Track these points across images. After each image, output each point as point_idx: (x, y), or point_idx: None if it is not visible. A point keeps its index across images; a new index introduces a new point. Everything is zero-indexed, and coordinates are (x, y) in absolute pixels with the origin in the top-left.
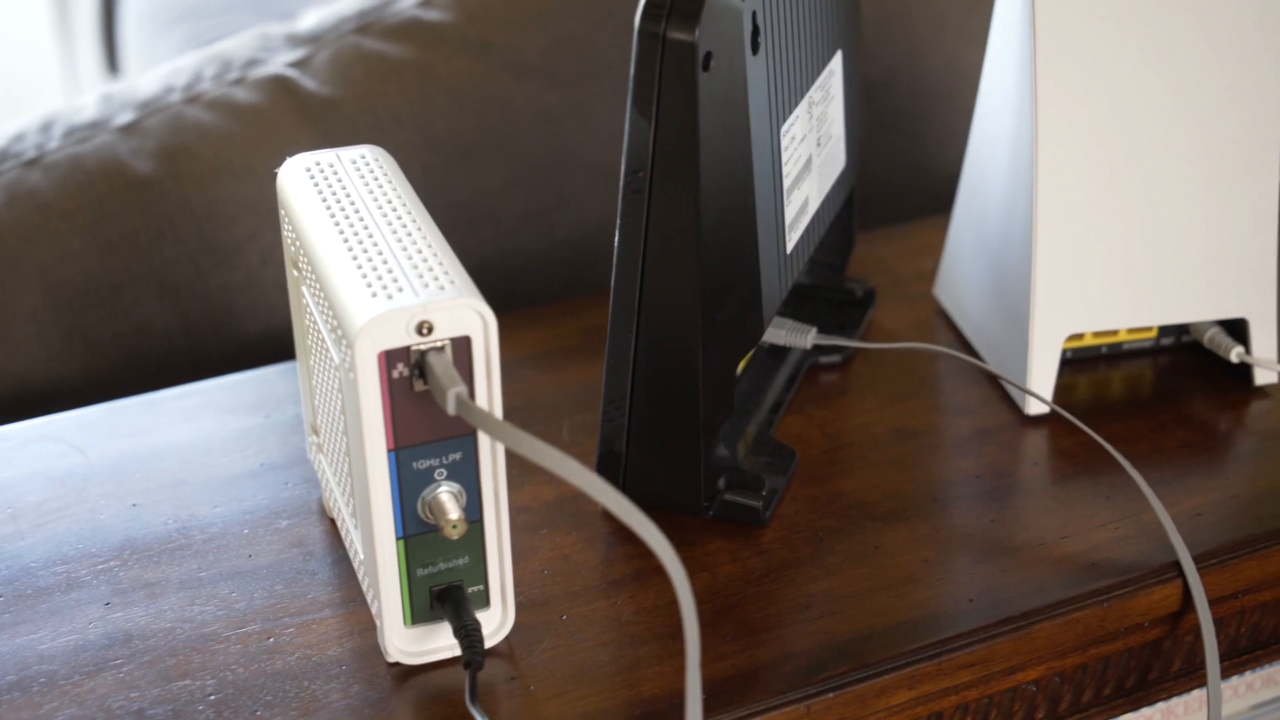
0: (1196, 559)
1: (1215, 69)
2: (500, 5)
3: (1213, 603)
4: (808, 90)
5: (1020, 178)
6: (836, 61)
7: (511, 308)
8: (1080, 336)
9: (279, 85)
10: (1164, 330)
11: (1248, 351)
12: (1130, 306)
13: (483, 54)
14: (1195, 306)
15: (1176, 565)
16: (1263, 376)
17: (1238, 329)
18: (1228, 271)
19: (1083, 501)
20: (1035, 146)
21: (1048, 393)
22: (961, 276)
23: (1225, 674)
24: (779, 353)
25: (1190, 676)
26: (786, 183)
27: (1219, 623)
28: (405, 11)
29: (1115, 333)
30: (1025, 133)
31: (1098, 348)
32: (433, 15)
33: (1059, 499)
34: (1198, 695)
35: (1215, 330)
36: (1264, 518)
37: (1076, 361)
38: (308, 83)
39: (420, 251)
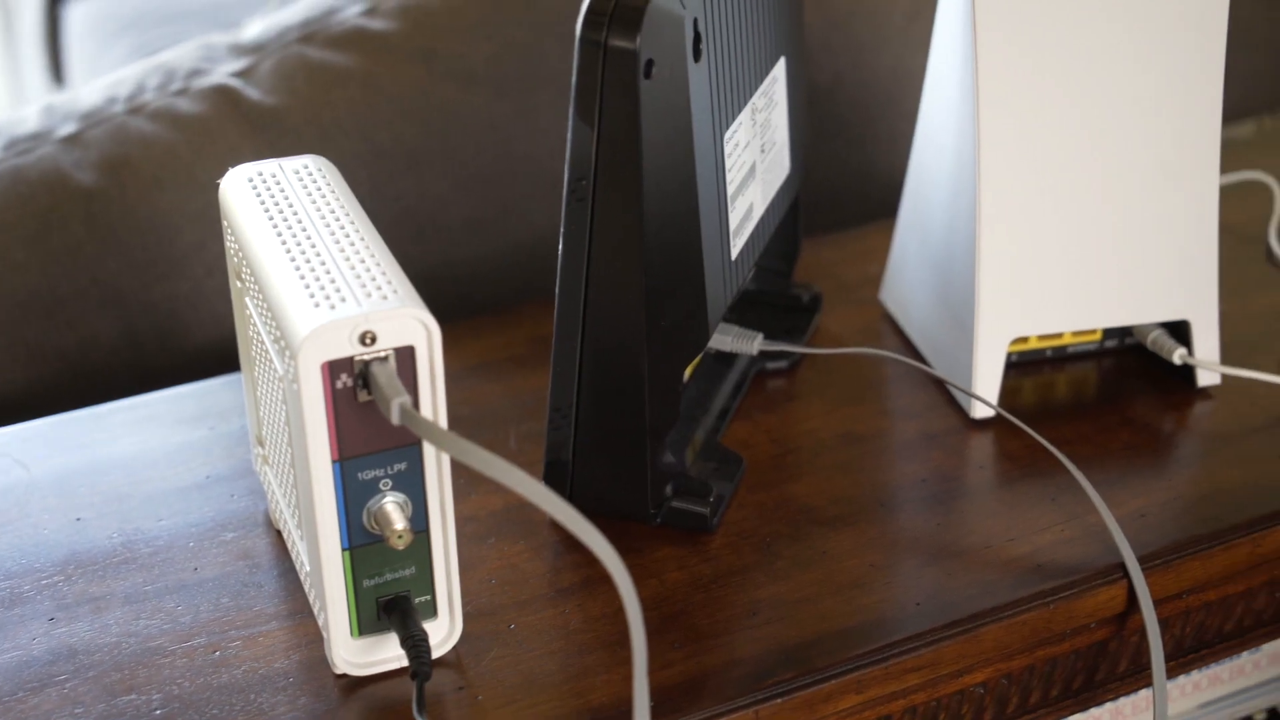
0: (1141, 560)
1: (1154, 73)
2: (445, 13)
3: (1158, 603)
4: (751, 97)
5: (963, 183)
6: (780, 68)
7: (459, 317)
8: (1025, 340)
9: (223, 95)
10: (1108, 333)
11: (1190, 353)
12: (1074, 310)
13: (428, 62)
14: (1138, 309)
15: (1121, 566)
16: (1205, 378)
17: (1180, 331)
18: (1170, 274)
19: (1028, 504)
20: (977, 152)
21: (993, 396)
22: (906, 281)
23: (1171, 674)
24: (726, 359)
25: (1137, 677)
26: (730, 189)
27: (1164, 623)
28: (349, 20)
29: (1059, 336)
30: (968, 138)
31: (1042, 351)
32: (377, 24)
33: (1004, 502)
34: (1145, 695)
35: (1158, 332)
36: (1207, 518)
37: (1022, 365)
38: (252, 92)
39: (363, 261)
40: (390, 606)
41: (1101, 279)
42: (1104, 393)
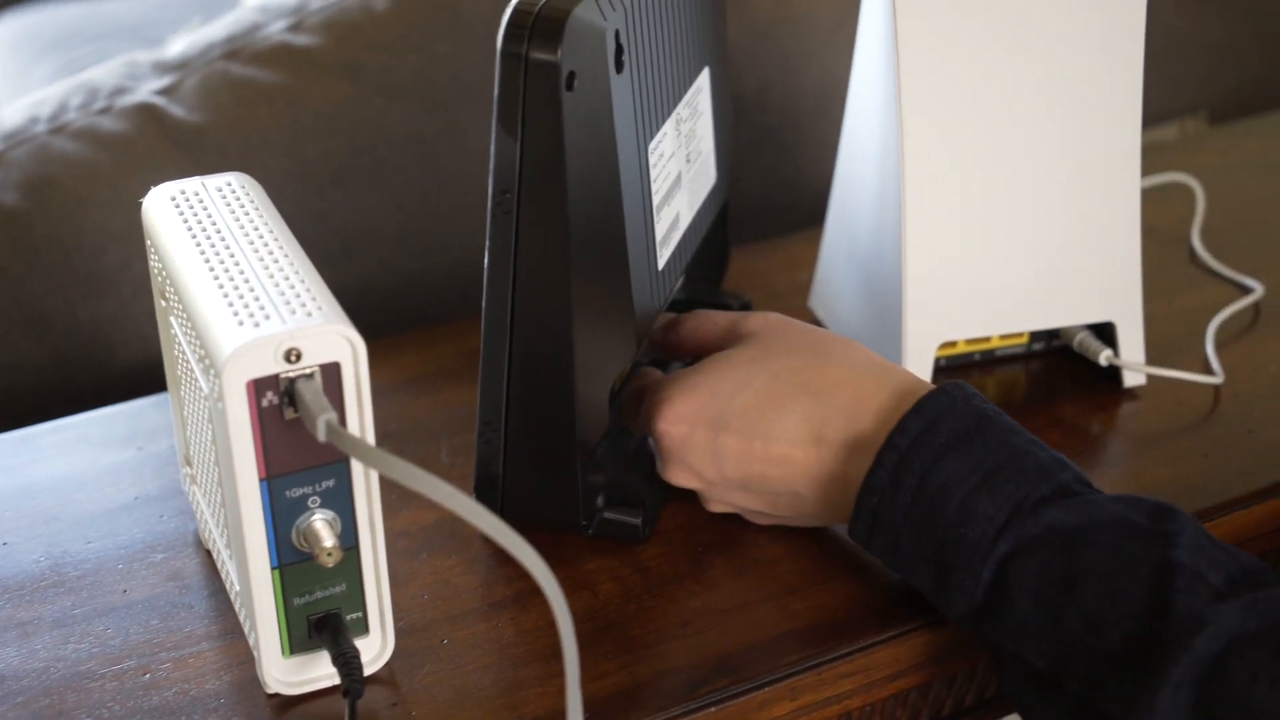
0: None
1: (1074, 79)
2: (370, 28)
3: None
4: (675, 107)
5: (888, 190)
6: (704, 78)
7: (390, 331)
8: (953, 344)
9: (147, 113)
10: (1035, 336)
11: (1116, 354)
12: (1001, 314)
13: (353, 77)
14: (1063, 312)
15: None
16: (1131, 379)
17: (1106, 332)
18: (1094, 277)
19: None
20: (901, 159)
21: None
22: (835, 288)
23: None
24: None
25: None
26: (656, 199)
27: None
28: (274, 36)
29: (987, 340)
30: (891, 146)
31: (971, 355)
32: (302, 39)
33: None
34: None
35: (1084, 334)
36: None
37: (950, 369)
38: (176, 110)
39: (287, 278)
40: (321, 624)
41: (1027, 283)
42: (1032, 395)
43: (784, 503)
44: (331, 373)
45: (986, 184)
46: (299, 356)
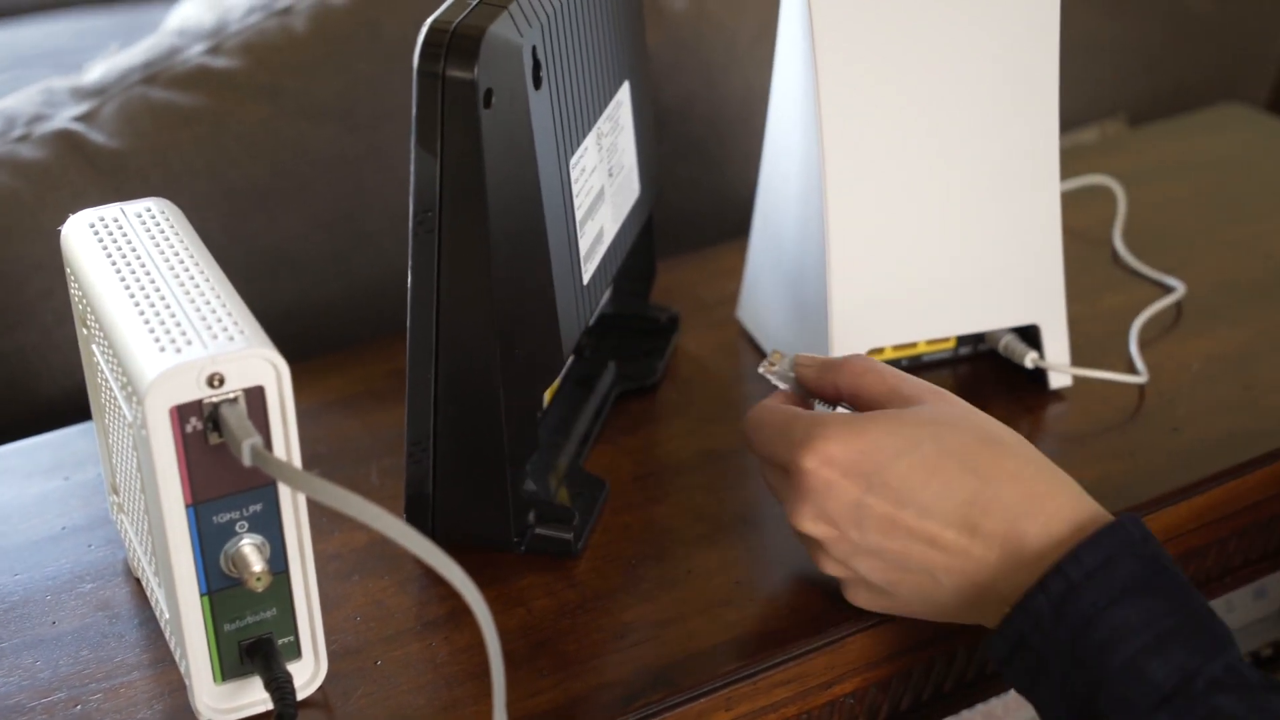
0: None
1: (990, 85)
2: (290, 49)
3: None
4: (595, 122)
5: (810, 200)
6: (624, 92)
7: (318, 352)
8: (880, 351)
9: (66, 140)
10: (961, 340)
11: (1041, 357)
12: (926, 319)
13: (274, 99)
14: (988, 316)
15: None
16: (1056, 380)
17: (1031, 335)
18: (1017, 281)
19: None
20: (822, 168)
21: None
22: (761, 297)
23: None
24: (587, 384)
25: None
26: (579, 214)
27: None
28: (192, 60)
29: (914, 345)
30: (812, 156)
31: (898, 361)
32: (221, 62)
33: None
34: (1015, 695)
35: (1009, 338)
36: None
37: None
38: (96, 136)
39: (209, 303)
40: (253, 650)
41: (951, 288)
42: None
43: (911, 582)
44: (256, 396)
45: (907, 190)
46: (222, 381)
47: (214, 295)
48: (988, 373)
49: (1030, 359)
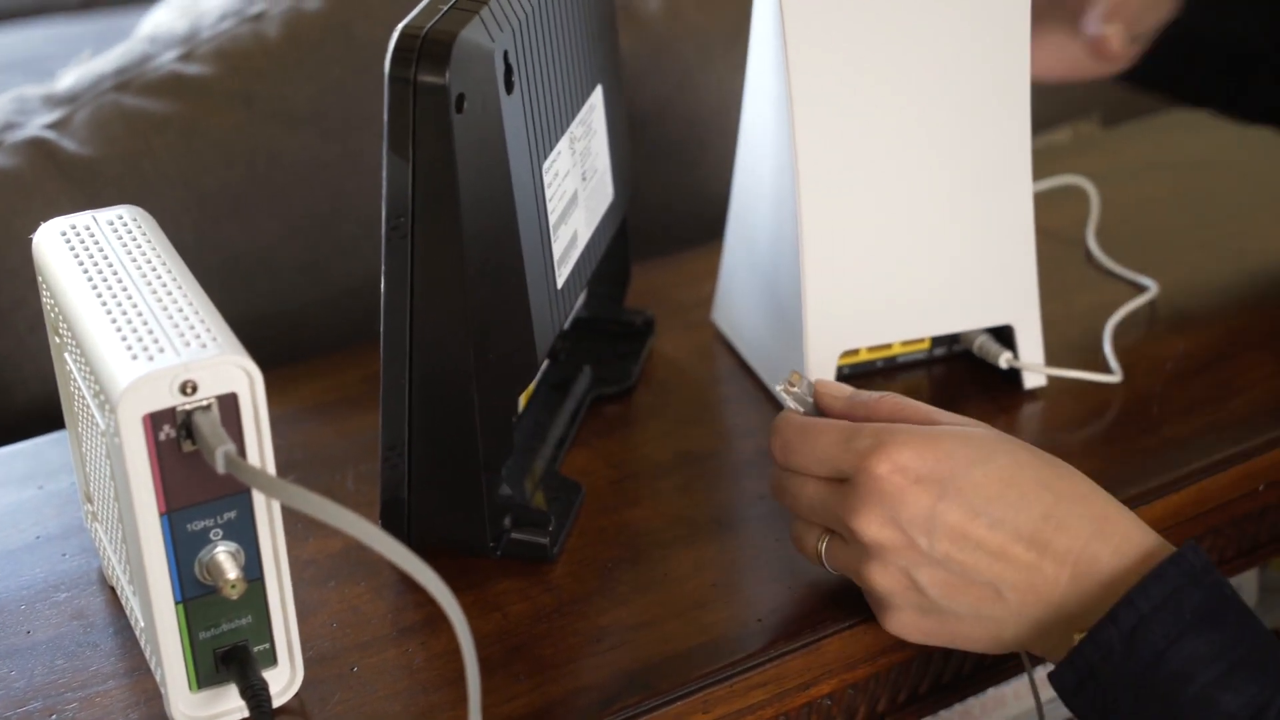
0: None
1: (963, 84)
2: (262, 56)
3: None
4: (568, 126)
5: (784, 202)
6: (597, 96)
7: (292, 359)
8: (855, 352)
9: (37, 148)
10: (936, 341)
11: (1016, 357)
12: (901, 320)
13: (248, 105)
14: (962, 317)
15: None
16: (1031, 380)
17: (1005, 335)
18: (992, 281)
19: None
20: (795, 170)
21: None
22: (736, 300)
23: (1009, 676)
24: (562, 388)
25: (981, 677)
26: (552, 219)
27: None
28: (165, 66)
29: (889, 347)
30: (785, 157)
31: (873, 362)
32: (194, 69)
33: None
34: (993, 695)
35: (984, 339)
36: None
37: (854, 377)
38: (68, 144)
39: (181, 310)
40: (228, 657)
41: (925, 289)
42: (935, 401)
43: (974, 597)
44: (229, 404)
45: (881, 191)
46: (195, 389)
47: (186, 302)
48: (962, 374)
49: (1005, 359)
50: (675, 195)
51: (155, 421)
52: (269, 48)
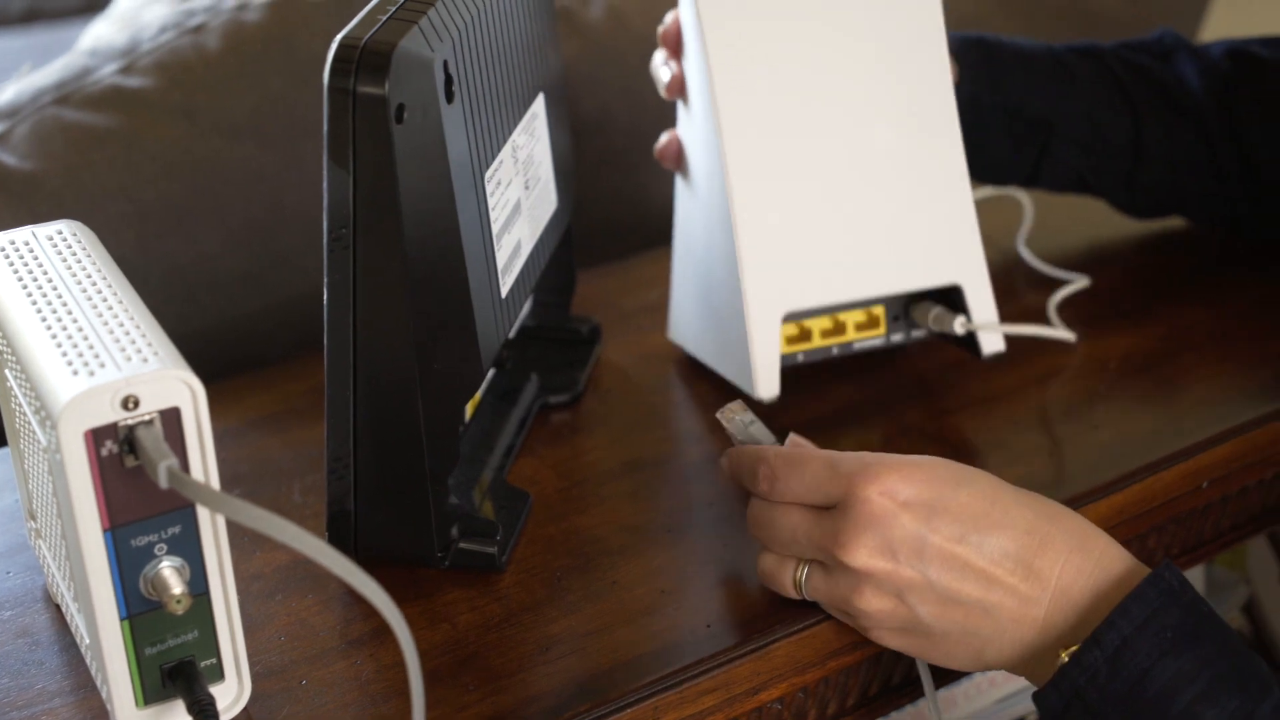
0: None
1: (882, 44)
2: (203, 68)
3: None
4: (510, 135)
5: (714, 177)
6: (539, 104)
7: (238, 371)
8: (809, 339)
9: None
10: (892, 327)
11: (970, 320)
12: (844, 281)
13: (189, 117)
14: (908, 276)
15: None
16: (989, 344)
17: (957, 305)
18: (933, 239)
19: None
20: (719, 132)
21: (774, 374)
22: (688, 308)
23: (959, 677)
24: (509, 396)
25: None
26: (496, 228)
27: None
28: (105, 80)
29: (844, 332)
30: (713, 135)
31: (829, 349)
32: (134, 82)
33: None
34: (943, 696)
35: (938, 310)
36: None
37: (810, 365)
38: (7, 158)
39: (122, 325)
40: (175, 673)
41: (866, 248)
42: (896, 389)
43: (962, 616)
44: (171, 418)
45: (808, 151)
46: (137, 403)
47: (127, 317)
48: (919, 359)
49: (959, 323)
50: (620, 202)
51: (97, 437)
52: (209, 59)
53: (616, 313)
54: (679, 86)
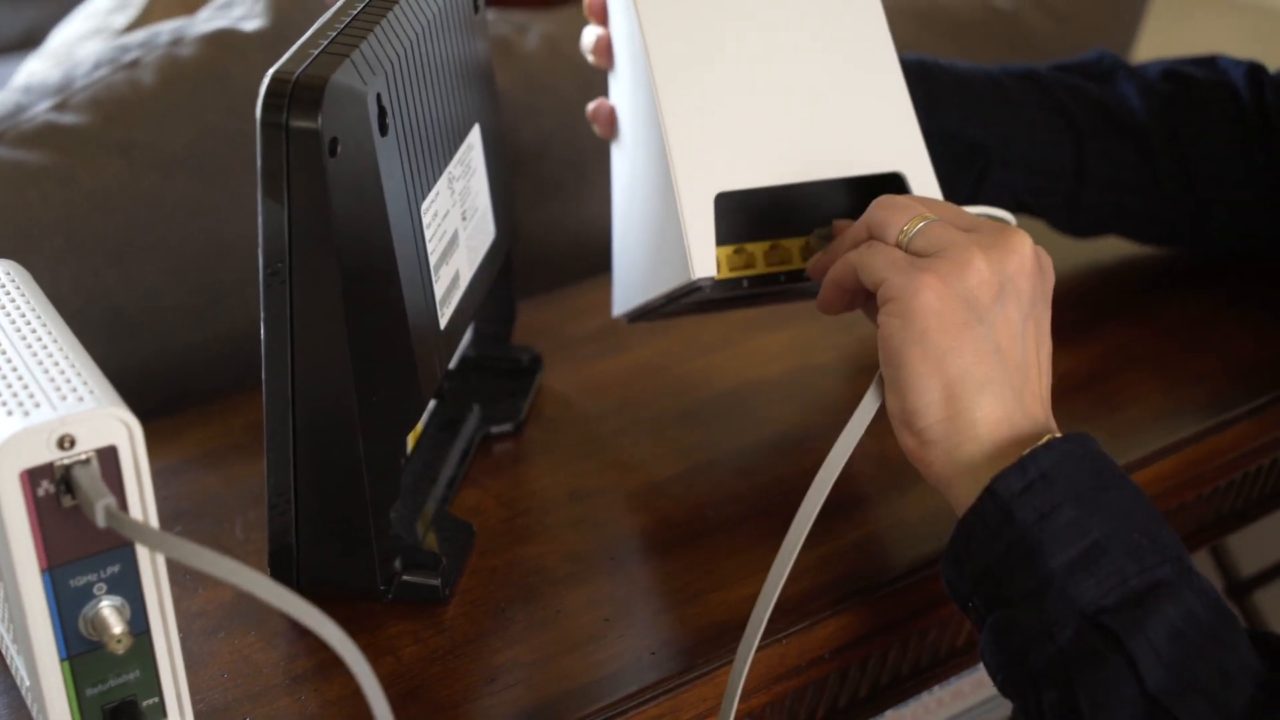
0: (864, 589)
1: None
2: (138, 102)
3: (888, 627)
4: (446, 166)
5: (645, 125)
6: (474, 135)
7: (180, 407)
8: (753, 264)
9: None
10: None
11: None
12: (779, 164)
13: (125, 153)
14: (846, 161)
15: (849, 595)
16: None
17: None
18: (870, 126)
19: (755, 542)
20: (645, 44)
21: (709, 253)
22: (626, 262)
23: (914, 691)
24: (451, 427)
25: (876, 701)
26: (433, 259)
27: (901, 644)
28: (39, 117)
29: (790, 259)
30: (643, 63)
31: (776, 276)
32: (69, 118)
33: (732, 544)
34: (890, 716)
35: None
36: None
37: (754, 290)
38: None
39: (57, 364)
40: (117, 713)
41: (799, 135)
42: (831, 422)
43: (986, 365)
44: (108, 456)
45: (735, 41)
46: (73, 443)
47: (63, 356)
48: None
49: None
50: (559, 231)
51: (33, 477)
52: (145, 95)
53: (557, 341)
54: (605, 48)
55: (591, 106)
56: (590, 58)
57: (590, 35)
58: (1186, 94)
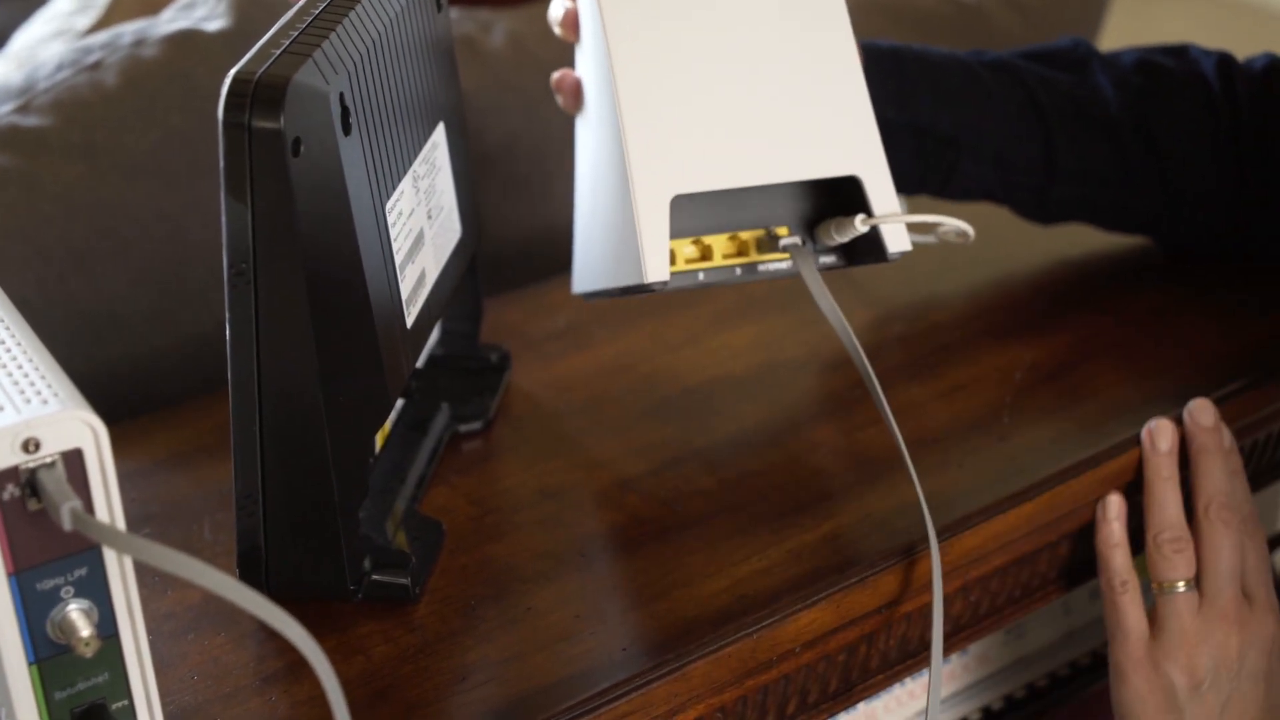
0: (835, 580)
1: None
2: (101, 106)
3: (859, 620)
4: (410, 165)
5: (606, 104)
6: (439, 134)
7: (147, 411)
8: (710, 258)
9: None
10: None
11: (871, 214)
12: (735, 166)
13: (88, 156)
14: (802, 164)
15: (819, 589)
16: (894, 242)
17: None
18: (827, 127)
19: (724, 537)
20: (606, 39)
21: (663, 256)
22: (585, 244)
23: (886, 684)
24: (420, 426)
25: (851, 692)
26: (399, 258)
27: (869, 636)
28: (1, 120)
29: (747, 253)
30: (603, 44)
31: (732, 269)
32: (31, 121)
33: (702, 538)
34: (863, 709)
35: (836, 219)
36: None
37: (711, 284)
38: None
39: (20, 367)
40: (86, 716)
41: (756, 136)
42: (796, 417)
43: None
44: (74, 459)
45: (696, 40)
46: (38, 446)
47: (27, 360)
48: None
49: (860, 220)
50: (525, 229)
51: None
52: (108, 97)
53: (525, 339)
54: (573, 22)
55: (556, 76)
56: (557, 29)
57: (558, 8)
58: (1159, 87)
